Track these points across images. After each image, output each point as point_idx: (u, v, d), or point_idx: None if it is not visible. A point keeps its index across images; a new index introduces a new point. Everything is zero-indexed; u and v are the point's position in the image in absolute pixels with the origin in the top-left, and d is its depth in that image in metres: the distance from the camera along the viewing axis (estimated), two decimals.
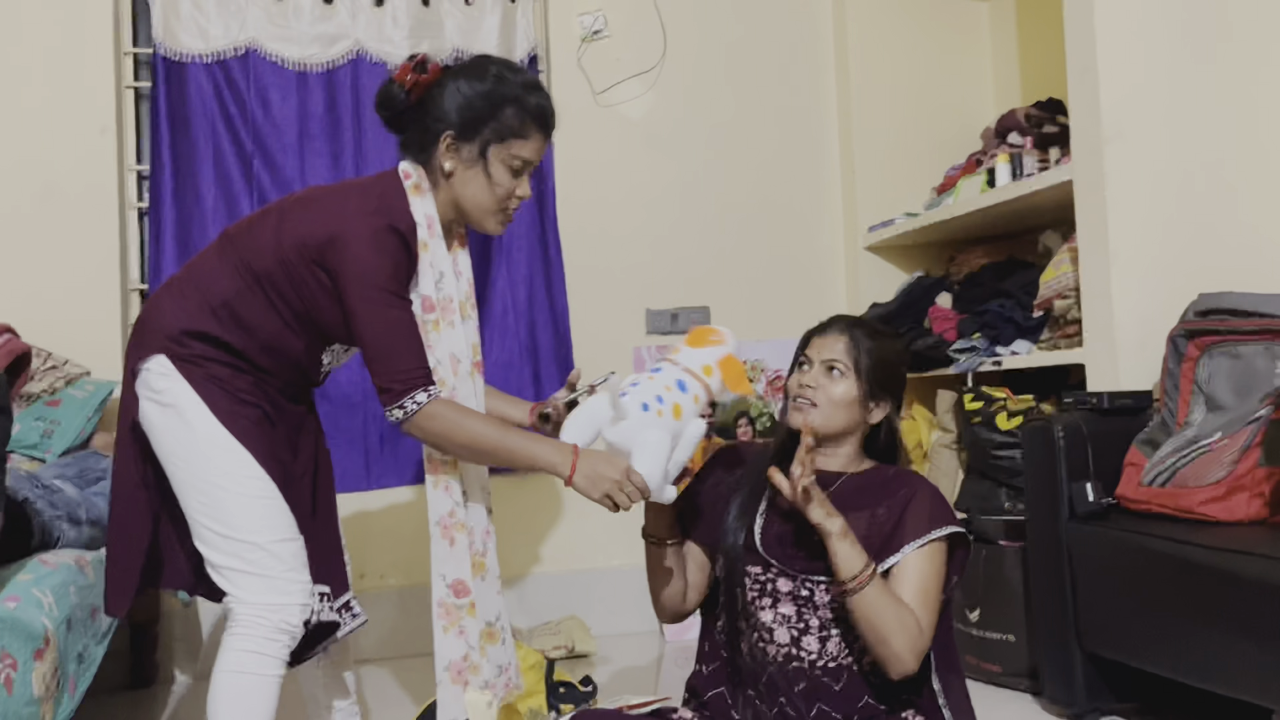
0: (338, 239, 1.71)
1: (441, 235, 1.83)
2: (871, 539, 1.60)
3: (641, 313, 3.54)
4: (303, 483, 1.87)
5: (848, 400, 1.66)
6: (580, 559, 3.41)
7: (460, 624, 1.82)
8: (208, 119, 3.19)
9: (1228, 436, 2.15)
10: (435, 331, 1.80)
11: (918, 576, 1.58)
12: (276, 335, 1.77)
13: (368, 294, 1.70)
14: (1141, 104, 2.56)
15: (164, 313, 1.77)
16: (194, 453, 1.71)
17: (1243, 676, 1.88)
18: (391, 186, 1.79)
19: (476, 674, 1.82)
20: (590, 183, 3.51)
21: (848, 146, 3.67)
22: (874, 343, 1.69)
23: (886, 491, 1.65)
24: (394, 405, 1.71)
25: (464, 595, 1.82)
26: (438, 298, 1.81)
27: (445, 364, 1.81)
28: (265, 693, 1.68)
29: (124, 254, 3.19)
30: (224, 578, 1.72)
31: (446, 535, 1.82)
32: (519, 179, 1.82)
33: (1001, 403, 2.90)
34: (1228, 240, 2.59)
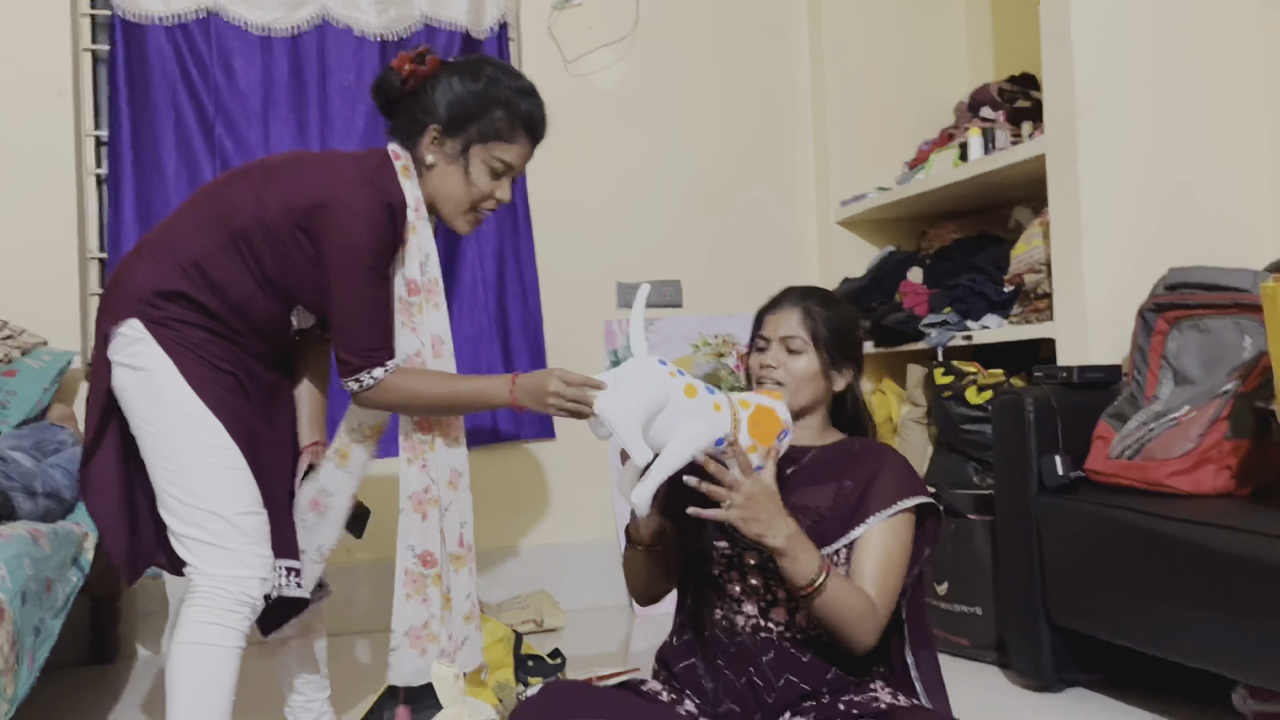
0: (329, 205, 1.69)
1: (427, 219, 1.83)
2: (838, 511, 1.60)
3: (612, 286, 3.51)
4: (280, 451, 1.85)
5: (810, 374, 1.66)
6: (549, 534, 3.40)
7: (425, 592, 1.83)
8: (168, 83, 3.11)
9: (1195, 410, 2.16)
10: (420, 314, 1.81)
11: (881, 549, 1.57)
12: (248, 297, 1.74)
13: (349, 267, 1.70)
14: (1115, 78, 2.56)
15: (135, 274, 1.73)
16: (163, 419, 1.68)
17: (1207, 647, 1.90)
18: (384, 163, 1.79)
19: (434, 642, 1.83)
20: (560, 152, 3.45)
21: (821, 120, 3.65)
22: (828, 312, 1.70)
23: (854, 464, 1.64)
24: (350, 378, 1.75)
25: (431, 566, 1.83)
26: (423, 280, 1.82)
27: (429, 346, 1.82)
28: (223, 664, 1.66)
29: (82, 221, 3.12)
30: (185, 547, 1.69)
31: (419, 510, 1.83)
32: (499, 181, 1.83)
33: (971, 377, 2.90)
34: (1199, 215, 2.60)
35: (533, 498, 3.39)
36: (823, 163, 3.65)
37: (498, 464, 3.36)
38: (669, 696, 1.64)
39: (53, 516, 2.14)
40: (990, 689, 2.39)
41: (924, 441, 3.17)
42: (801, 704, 1.58)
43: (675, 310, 3.55)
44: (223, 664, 1.65)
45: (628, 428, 1.45)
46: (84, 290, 3.10)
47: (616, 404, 1.46)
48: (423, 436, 1.83)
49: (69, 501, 2.23)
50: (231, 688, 1.67)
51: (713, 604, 1.65)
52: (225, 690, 1.66)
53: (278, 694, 2.08)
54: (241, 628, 1.67)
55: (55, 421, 2.58)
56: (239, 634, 1.67)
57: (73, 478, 2.27)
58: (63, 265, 3.05)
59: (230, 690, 1.67)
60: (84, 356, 3.06)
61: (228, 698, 1.67)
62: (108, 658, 2.96)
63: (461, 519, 1.89)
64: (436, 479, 1.85)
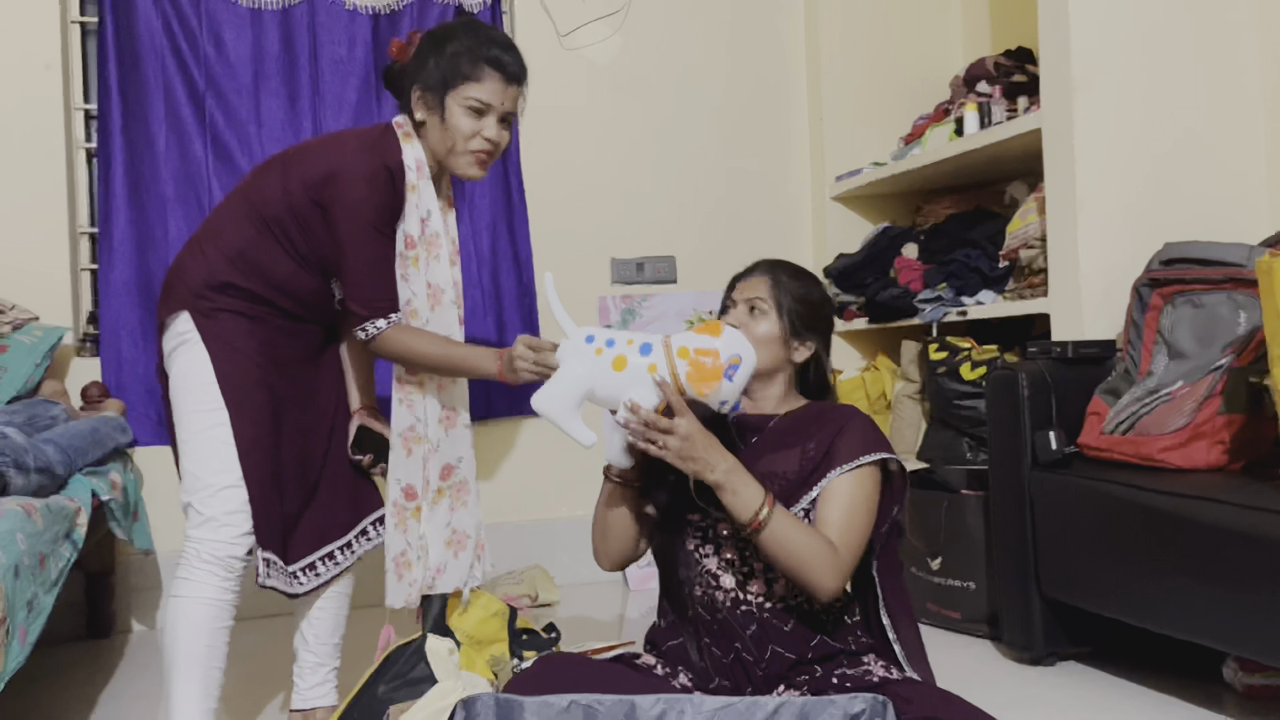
0: (336, 175, 1.85)
1: (430, 179, 1.97)
2: (803, 473, 1.60)
3: (606, 261, 3.50)
4: (316, 432, 1.99)
5: (770, 337, 1.68)
6: (545, 508, 3.40)
7: (405, 524, 1.99)
8: (157, 56, 3.08)
9: (1189, 385, 2.16)
10: (414, 267, 1.95)
11: (844, 498, 1.57)
12: (291, 275, 1.91)
13: (356, 225, 1.86)
14: (1112, 53, 2.54)
15: (185, 271, 1.91)
16: (183, 399, 1.86)
17: (1198, 620, 1.91)
18: (386, 132, 1.95)
19: (409, 569, 2.00)
20: (555, 127, 3.44)
21: (816, 95, 3.63)
22: (797, 283, 1.72)
23: (817, 426, 1.65)
24: (357, 327, 1.91)
25: (413, 499, 1.99)
26: (422, 234, 1.96)
27: (421, 296, 1.95)
28: (189, 612, 1.79)
29: (72, 196, 3.09)
30: (185, 513, 1.84)
31: (405, 446, 1.98)
32: (481, 121, 1.92)
33: (966, 353, 2.91)
34: (1195, 189, 2.59)
35: (528, 472, 3.39)
36: (818, 138, 3.64)
37: (493, 439, 3.36)
38: (663, 670, 1.64)
39: (45, 492, 2.13)
40: (982, 662, 2.41)
41: (918, 417, 3.18)
42: (792, 675, 1.59)
43: (670, 286, 3.54)
44: (188, 612, 1.79)
45: (563, 419, 1.54)
46: (74, 265, 3.08)
47: (547, 400, 1.54)
48: (411, 378, 1.99)
49: (62, 477, 2.22)
50: (201, 633, 1.79)
51: (692, 583, 1.65)
52: (194, 635, 1.78)
53: (284, 668, 2.09)
54: (211, 581, 1.79)
55: (47, 397, 2.56)
56: (208, 586, 1.79)
57: (65, 453, 2.26)
58: (53, 240, 3.03)
59: (200, 636, 1.79)
60: (75, 332, 3.05)
61: (198, 643, 1.79)
62: (103, 633, 2.96)
63: (459, 454, 2.04)
64: (423, 417, 1.99)
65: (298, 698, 2.05)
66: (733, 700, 1.40)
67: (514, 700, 1.41)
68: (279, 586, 1.87)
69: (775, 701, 1.39)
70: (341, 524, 2.01)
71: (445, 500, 2.03)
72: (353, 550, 2.02)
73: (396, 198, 1.90)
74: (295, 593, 1.92)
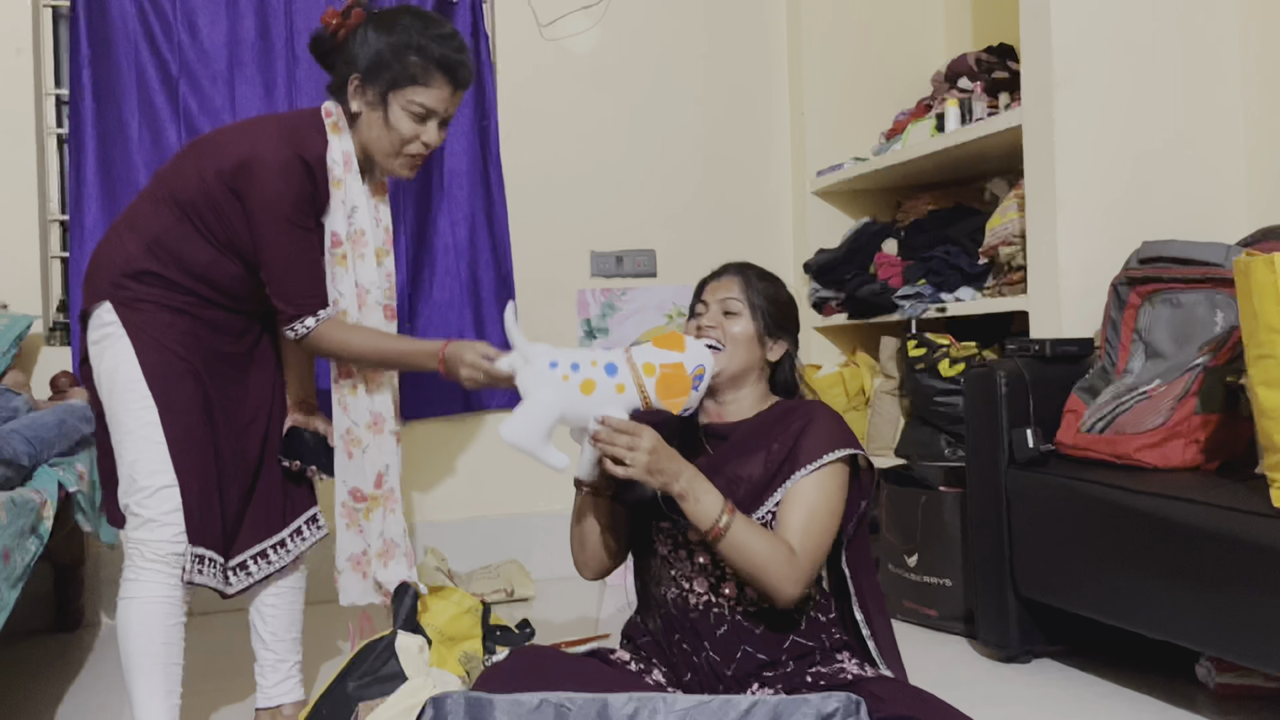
0: (247, 164, 1.78)
1: (358, 173, 1.90)
2: (767, 475, 1.60)
3: (586, 254, 3.48)
4: (250, 430, 1.93)
5: (746, 337, 1.68)
6: (521, 503, 3.38)
7: (359, 524, 1.98)
8: (130, 41, 3.03)
9: (1166, 384, 2.16)
10: (342, 266, 1.89)
11: (805, 502, 1.57)
12: (211, 263, 1.83)
13: (271, 220, 1.79)
14: (1093, 50, 2.54)
15: (104, 258, 1.85)
16: (113, 395, 1.80)
17: (1172, 620, 1.91)
18: (310, 121, 1.87)
19: (369, 569, 1.99)
20: (534, 119, 3.42)
21: (798, 89, 3.62)
22: (766, 284, 1.73)
23: (782, 426, 1.64)
24: (287, 326, 1.85)
25: (361, 501, 1.98)
26: (348, 232, 1.89)
27: (349, 296, 1.90)
28: (149, 614, 1.76)
29: (43, 182, 3.05)
30: (125, 513, 1.82)
31: (346, 448, 1.97)
32: (423, 125, 1.87)
33: (944, 349, 2.90)
34: (1174, 188, 2.59)
35: (503, 467, 3.36)
36: (799, 132, 3.62)
37: (468, 433, 3.33)
38: (637, 666, 1.63)
39: (10, 484, 2.10)
40: (958, 660, 2.41)
41: (896, 414, 3.17)
42: (764, 674, 1.58)
43: (650, 280, 3.52)
44: (140, 612, 1.76)
45: (534, 448, 1.52)
46: (45, 253, 3.04)
47: (519, 432, 1.52)
48: (345, 381, 1.96)
49: (27, 469, 2.19)
50: (155, 631, 1.76)
51: (665, 584, 1.65)
52: (148, 635, 1.76)
53: (245, 662, 2.06)
54: (157, 579, 1.76)
55: (9, 387, 2.52)
56: (155, 584, 1.77)
57: (32, 444, 2.22)
58: (23, 227, 2.98)
59: (154, 634, 1.76)
60: (45, 320, 3.00)
61: (154, 641, 1.76)
62: (71, 626, 2.92)
63: (385, 461, 1.99)
64: (357, 421, 1.96)
65: (262, 696, 2.02)
66: (705, 698, 1.38)
67: (484, 699, 1.39)
68: (210, 584, 1.83)
69: (748, 700, 1.37)
70: (275, 521, 1.96)
71: (379, 509, 2.00)
72: (287, 549, 1.97)
73: (317, 190, 1.83)
74: (227, 593, 1.88)
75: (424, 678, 1.76)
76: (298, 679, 2.04)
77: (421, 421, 3.27)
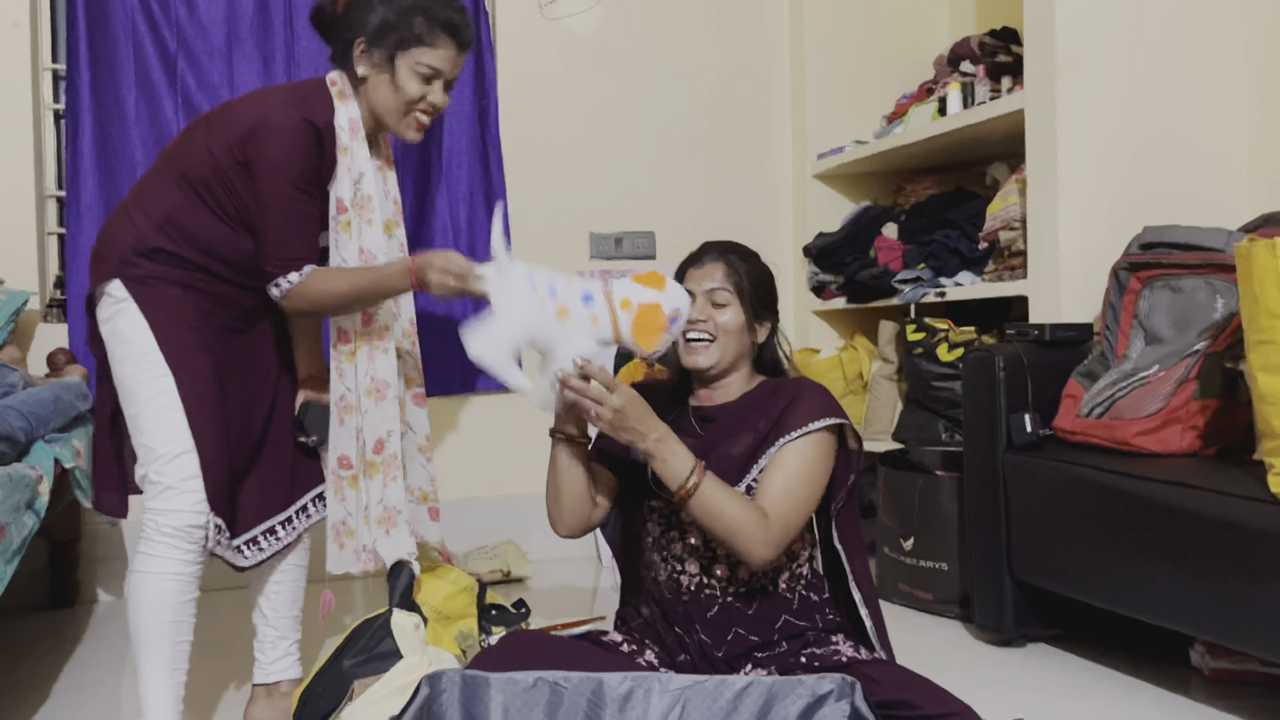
0: (256, 130, 1.78)
1: (365, 140, 1.89)
2: (754, 446, 1.60)
3: (585, 235, 3.47)
4: (256, 406, 1.93)
5: (737, 325, 1.67)
6: (517, 483, 3.38)
7: (343, 493, 1.96)
8: (128, 16, 3.01)
9: (1165, 369, 2.16)
10: (345, 232, 1.88)
11: (784, 467, 1.57)
12: (223, 239, 1.84)
13: (276, 182, 1.79)
14: (1096, 34, 2.53)
15: (113, 237, 1.84)
16: (124, 367, 1.79)
17: (1167, 604, 1.92)
18: (317, 88, 1.88)
19: (351, 538, 1.97)
20: (534, 99, 3.40)
21: (799, 72, 3.60)
22: (749, 265, 1.72)
23: (769, 403, 1.65)
24: (271, 284, 1.83)
25: (347, 469, 1.96)
26: (353, 198, 1.88)
27: (353, 261, 1.88)
28: (161, 590, 1.75)
29: (39, 158, 3.03)
30: (142, 485, 1.80)
31: (339, 415, 1.95)
32: (429, 86, 1.88)
33: (943, 334, 2.90)
34: (1175, 173, 2.58)
35: (500, 447, 3.36)
36: (800, 115, 3.61)
37: (465, 414, 3.33)
38: (629, 648, 1.63)
39: (6, 460, 2.09)
40: (953, 643, 2.41)
41: (894, 398, 3.17)
42: (756, 655, 1.58)
43: (649, 262, 3.50)
44: (152, 588, 1.74)
45: (499, 366, 1.52)
46: (41, 229, 3.02)
47: (484, 346, 1.51)
48: (343, 346, 1.94)
49: (24, 444, 2.18)
50: (166, 609, 1.75)
51: (657, 567, 1.66)
52: (159, 611, 1.74)
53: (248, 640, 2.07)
54: (172, 555, 1.75)
55: (5, 363, 2.51)
56: (170, 560, 1.75)
57: (28, 420, 2.22)
58: (19, 203, 2.96)
59: (165, 611, 1.75)
60: (42, 297, 2.99)
61: (164, 618, 1.74)
62: (67, 602, 2.93)
63: (386, 429, 1.97)
64: (353, 387, 1.94)
65: (260, 672, 2.02)
66: (701, 678, 1.39)
67: (479, 676, 1.40)
68: (225, 557, 1.84)
69: (743, 681, 1.38)
70: (281, 498, 1.96)
71: (378, 476, 1.98)
72: (294, 525, 1.98)
73: (324, 157, 1.83)
74: (240, 566, 1.89)
75: (419, 656, 1.76)
76: (296, 656, 2.04)
77: None
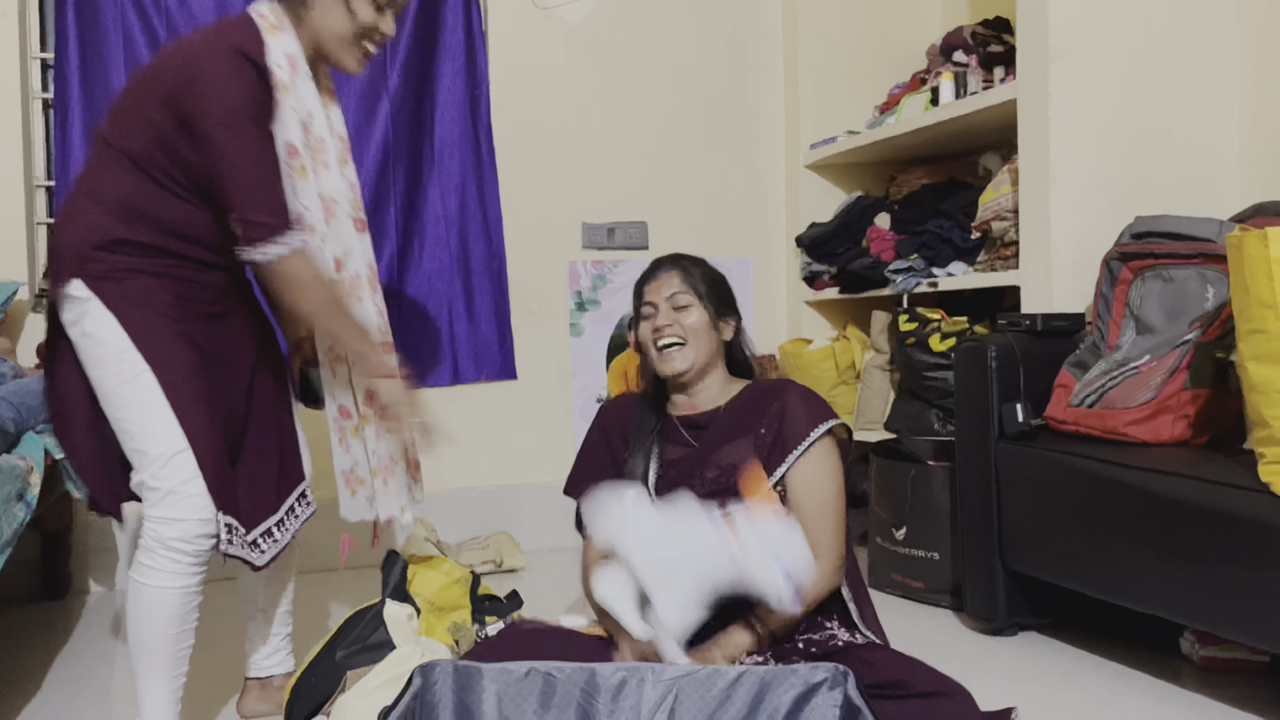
0: (195, 78, 1.61)
1: (308, 76, 1.76)
2: (765, 461, 1.66)
3: (577, 226, 3.46)
4: (239, 393, 1.82)
5: (703, 325, 1.74)
6: (511, 474, 3.38)
7: (347, 441, 1.93)
8: (117, 4, 2.98)
9: (1156, 359, 2.16)
10: (302, 178, 1.74)
11: (814, 487, 1.64)
12: (184, 216, 1.70)
13: (227, 127, 1.61)
14: (1089, 24, 2.52)
15: (66, 235, 1.70)
16: (102, 370, 1.68)
17: (1158, 593, 1.92)
18: (242, 23, 1.71)
19: (362, 485, 1.95)
20: (527, 89, 3.39)
21: (792, 62, 3.59)
22: (701, 269, 1.79)
23: (761, 409, 1.70)
24: (266, 240, 1.65)
25: (348, 418, 1.93)
26: (305, 141, 1.75)
27: (315, 210, 1.76)
28: (164, 604, 1.67)
29: (28, 147, 3.01)
30: (140, 492, 1.70)
31: (330, 367, 1.91)
32: (382, 15, 1.78)
33: (935, 324, 2.90)
34: (1168, 163, 2.59)
35: (493, 438, 3.36)
36: (793, 105, 3.60)
37: (458, 405, 3.32)
38: None
39: None
40: (944, 632, 2.42)
41: (887, 388, 3.17)
42: None
43: (641, 252, 3.50)
44: (155, 601, 1.66)
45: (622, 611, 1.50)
46: (30, 219, 3.00)
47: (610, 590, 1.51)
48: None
49: (12, 435, 2.17)
50: (170, 622, 1.67)
51: None
52: (160, 624, 1.67)
53: (232, 631, 2.06)
54: (175, 569, 1.66)
55: None
56: (174, 575, 1.66)
57: (18, 410, 2.21)
58: (8, 193, 2.95)
59: (169, 625, 1.67)
60: (31, 287, 2.98)
61: (164, 630, 1.67)
62: (59, 594, 2.92)
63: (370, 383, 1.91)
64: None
65: (253, 667, 2.01)
66: (694, 668, 1.39)
67: (472, 667, 1.40)
68: (242, 556, 1.75)
69: (736, 670, 1.38)
70: (280, 487, 1.88)
71: (371, 427, 1.94)
72: (296, 514, 1.91)
73: (266, 93, 1.66)
74: (258, 564, 1.79)
75: (412, 646, 1.76)
76: (288, 650, 2.03)
77: None
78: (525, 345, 3.39)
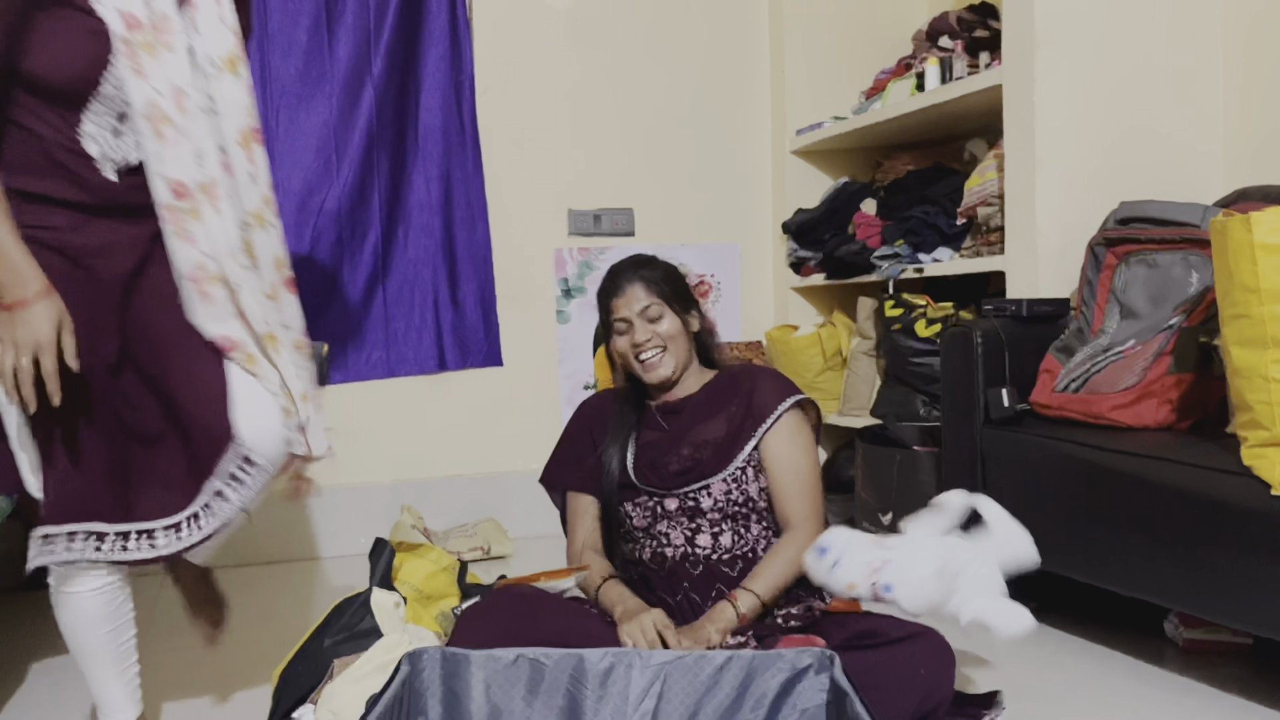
0: None
1: None
2: (731, 432, 1.75)
3: (563, 212, 3.45)
4: (100, 380, 1.55)
5: (677, 329, 1.82)
6: (498, 461, 3.38)
7: (256, 368, 1.59)
8: None
9: (1140, 344, 2.17)
10: (149, 55, 1.43)
11: (789, 461, 1.73)
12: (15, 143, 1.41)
13: None
14: (1074, 9, 2.52)
15: None
16: None
17: (1143, 576, 1.94)
18: None
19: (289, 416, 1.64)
20: (511, 74, 3.37)
21: (778, 47, 3.58)
22: (657, 270, 1.84)
23: (732, 389, 1.80)
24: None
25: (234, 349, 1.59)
26: (150, 15, 1.44)
27: (168, 97, 1.45)
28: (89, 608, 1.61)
29: None
30: None
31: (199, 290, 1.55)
32: None
33: (921, 310, 2.91)
34: (1153, 149, 2.59)
35: (480, 425, 3.36)
36: (779, 91, 3.59)
37: (444, 392, 3.32)
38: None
39: None
40: None
41: (873, 374, 3.18)
42: None
43: (628, 239, 3.49)
44: (78, 608, 1.61)
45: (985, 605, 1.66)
46: None
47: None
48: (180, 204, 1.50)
49: None
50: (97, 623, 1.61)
51: (641, 545, 1.77)
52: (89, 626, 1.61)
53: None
54: (88, 571, 1.57)
55: None
56: (85, 578, 1.58)
57: None
58: None
59: (96, 625, 1.61)
60: None
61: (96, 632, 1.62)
62: (42, 584, 2.89)
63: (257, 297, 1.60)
64: (212, 254, 1.53)
65: None
66: (681, 653, 1.40)
67: (460, 654, 1.40)
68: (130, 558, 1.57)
69: (723, 655, 1.39)
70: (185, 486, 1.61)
71: (278, 344, 1.63)
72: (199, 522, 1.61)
73: None
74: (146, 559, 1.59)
75: (400, 634, 1.76)
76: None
77: (397, 380, 3.26)
78: (511, 332, 3.38)
